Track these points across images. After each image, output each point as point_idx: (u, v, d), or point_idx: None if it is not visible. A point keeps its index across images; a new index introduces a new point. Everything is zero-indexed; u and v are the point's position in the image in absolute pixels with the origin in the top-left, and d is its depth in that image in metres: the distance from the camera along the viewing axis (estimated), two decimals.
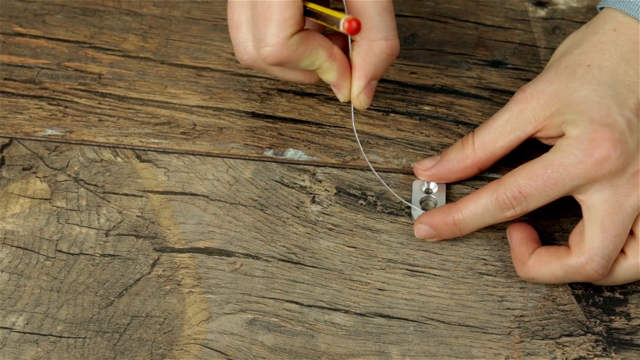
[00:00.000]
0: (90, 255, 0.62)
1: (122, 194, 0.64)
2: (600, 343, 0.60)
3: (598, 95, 0.59)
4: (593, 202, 0.58)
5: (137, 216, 0.64)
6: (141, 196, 0.64)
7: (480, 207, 0.60)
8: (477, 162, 0.62)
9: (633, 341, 0.60)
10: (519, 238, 0.61)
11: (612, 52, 0.60)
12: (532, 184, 0.58)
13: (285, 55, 0.57)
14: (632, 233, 0.59)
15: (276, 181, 0.65)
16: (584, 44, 0.61)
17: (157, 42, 0.71)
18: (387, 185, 0.65)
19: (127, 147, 0.66)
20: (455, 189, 0.65)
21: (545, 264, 0.59)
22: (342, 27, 0.55)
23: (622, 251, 0.59)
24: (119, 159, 0.66)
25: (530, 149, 0.63)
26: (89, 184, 0.64)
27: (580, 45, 0.61)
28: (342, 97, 0.61)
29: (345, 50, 0.59)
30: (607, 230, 0.57)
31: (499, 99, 0.68)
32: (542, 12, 0.71)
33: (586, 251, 0.58)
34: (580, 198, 0.59)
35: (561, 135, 0.59)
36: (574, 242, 0.59)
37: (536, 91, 0.60)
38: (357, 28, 0.55)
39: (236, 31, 0.60)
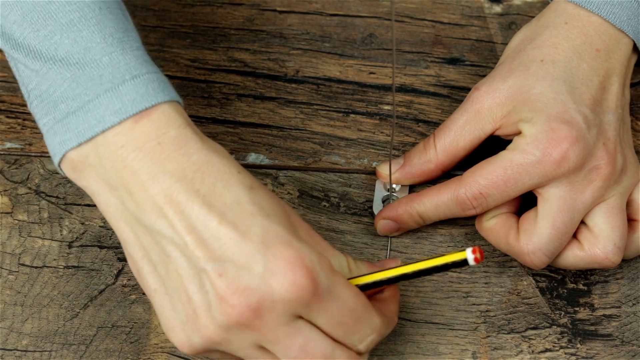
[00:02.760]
0: (54, 267, 0.62)
1: (84, 205, 0.64)
2: (566, 335, 0.61)
3: (553, 91, 0.59)
4: (549, 197, 0.58)
5: (100, 226, 0.63)
6: None
7: (441, 203, 0.61)
8: (440, 165, 0.63)
9: (598, 331, 0.61)
10: None
11: (565, 46, 0.60)
12: (492, 185, 0.59)
13: None
14: (585, 224, 0.60)
15: None
16: (537, 39, 0.61)
17: None
18: (349, 186, 0.65)
19: None
20: (418, 187, 0.65)
21: (494, 235, 0.60)
22: (470, 259, 0.52)
23: (577, 240, 0.59)
24: None
25: (491, 143, 0.63)
26: (50, 196, 0.64)
27: (532, 40, 0.61)
28: None
29: None
30: (557, 228, 0.58)
31: (457, 96, 0.69)
32: (497, 8, 0.72)
33: (531, 244, 0.58)
34: (537, 190, 0.59)
35: (518, 133, 0.60)
36: (523, 228, 0.59)
37: (490, 89, 0.60)
38: (482, 254, 0.52)
39: None
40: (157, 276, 0.52)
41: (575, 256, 0.59)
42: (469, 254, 0.52)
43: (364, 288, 0.54)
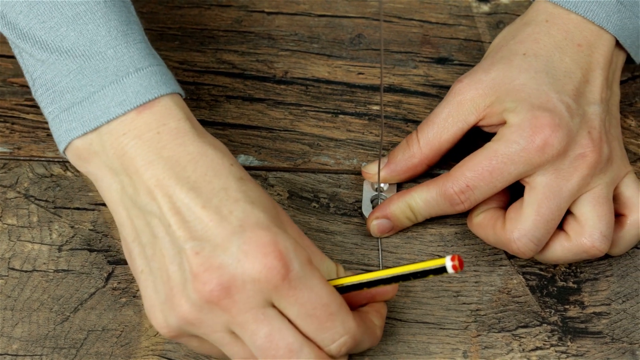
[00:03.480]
0: (44, 271, 0.62)
1: (74, 208, 0.64)
2: (556, 333, 0.61)
3: (536, 82, 0.60)
4: (535, 184, 0.59)
5: (90, 230, 0.63)
6: (93, 209, 0.64)
7: (430, 198, 0.61)
8: (425, 159, 0.63)
9: (588, 329, 0.61)
10: None
11: (546, 42, 0.61)
12: (478, 176, 0.59)
13: None
14: (572, 214, 0.60)
15: None
16: (519, 35, 0.62)
17: None
18: (339, 187, 0.65)
19: None
20: (405, 185, 0.65)
21: (483, 228, 0.61)
22: (449, 267, 0.52)
23: (564, 231, 0.60)
24: (69, 173, 0.65)
25: (475, 138, 0.63)
26: (39, 199, 0.64)
27: (515, 37, 0.62)
28: None
29: None
30: (542, 214, 0.58)
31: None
32: (485, 8, 0.72)
33: (516, 230, 0.59)
34: (525, 180, 0.59)
35: (502, 123, 0.60)
36: (509, 217, 0.60)
37: (473, 80, 0.61)
38: (461, 262, 0.52)
39: None
40: (145, 258, 0.54)
41: (563, 247, 0.59)
42: (447, 262, 0.52)
43: (342, 291, 0.55)
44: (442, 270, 0.52)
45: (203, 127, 0.55)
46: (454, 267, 0.52)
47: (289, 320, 0.52)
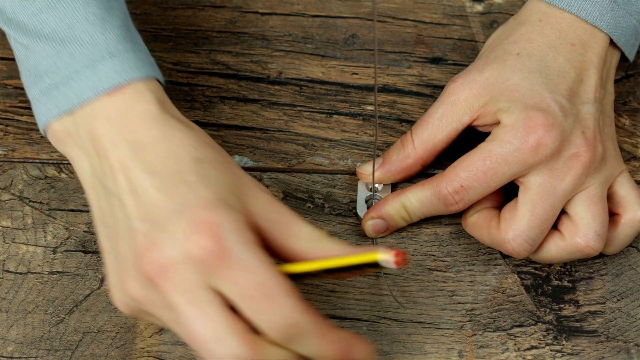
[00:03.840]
0: (39, 273, 0.62)
1: (68, 210, 0.64)
2: (551, 332, 0.61)
3: (530, 82, 0.60)
4: (530, 184, 0.59)
5: (85, 231, 0.63)
6: (87, 211, 0.64)
7: (425, 198, 0.61)
8: (420, 159, 0.63)
9: (583, 328, 0.61)
10: None
11: (540, 41, 0.61)
12: (472, 177, 0.59)
13: None
14: (566, 213, 0.60)
15: None
16: (512, 35, 0.62)
17: None
18: (334, 187, 0.65)
19: None
20: (400, 185, 0.65)
21: (477, 228, 0.61)
22: (389, 262, 0.50)
23: (559, 231, 0.60)
24: (63, 175, 0.65)
25: (470, 138, 0.63)
26: (33, 201, 0.64)
27: (508, 37, 0.62)
28: None
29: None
30: (536, 215, 0.58)
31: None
32: (479, 7, 0.72)
33: (511, 231, 0.59)
34: (519, 180, 0.59)
35: (496, 123, 0.60)
36: (504, 217, 0.60)
37: (467, 80, 0.61)
38: (404, 258, 0.50)
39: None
40: (108, 238, 0.55)
41: (557, 247, 0.60)
42: (382, 256, 0.50)
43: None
44: (377, 265, 0.51)
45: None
46: (396, 262, 0.50)
47: (232, 304, 0.51)
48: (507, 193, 0.62)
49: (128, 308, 0.54)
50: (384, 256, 0.50)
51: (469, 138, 0.63)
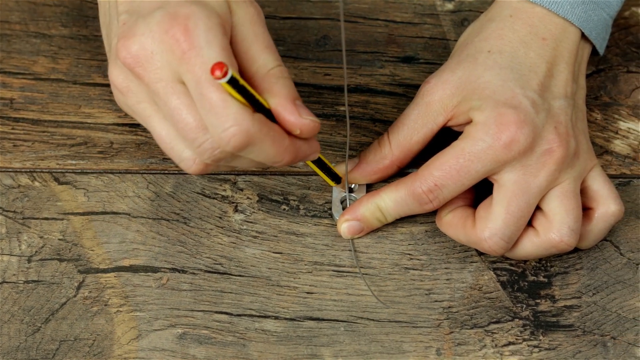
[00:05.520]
0: (14, 282, 0.62)
1: (42, 219, 0.64)
2: (528, 327, 0.61)
3: (501, 79, 0.60)
4: (504, 182, 0.59)
5: (59, 239, 0.63)
6: (62, 219, 0.64)
7: (399, 198, 0.61)
8: (396, 161, 0.63)
9: (559, 322, 0.61)
10: None
11: (511, 37, 0.61)
12: (445, 175, 0.59)
13: (253, 132, 0.52)
14: (541, 209, 0.60)
15: (197, 193, 0.65)
16: (483, 32, 0.62)
17: (67, 63, 0.70)
18: (308, 188, 0.65)
19: (45, 170, 0.65)
20: (375, 186, 0.65)
21: (453, 227, 0.61)
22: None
23: (533, 227, 0.60)
24: (36, 183, 0.65)
25: (446, 137, 0.64)
26: (7, 210, 0.64)
27: (479, 34, 0.62)
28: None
29: None
30: (511, 212, 0.58)
31: (413, 94, 0.68)
32: (449, 6, 0.72)
33: (487, 229, 0.59)
34: (493, 177, 0.60)
35: (470, 122, 0.60)
36: (479, 216, 0.60)
37: (440, 81, 0.61)
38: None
39: (172, 137, 0.55)
40: (107, 37, 0.59)
41: (532, 243, 0.60)
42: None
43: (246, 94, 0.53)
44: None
45: None
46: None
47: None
48: (479, 190, 0.62)
49: (116, 98, 0.57)
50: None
51: (445, 137, 0.64)
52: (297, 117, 0.54)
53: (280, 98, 0.54)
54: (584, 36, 0.63)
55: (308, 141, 0.56)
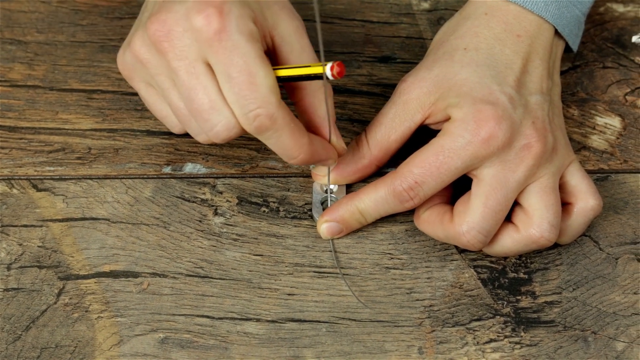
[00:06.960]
0: None
1: (21, 226, 0.63)
2: (509, 324, 0.61)
3: (478, 76, 0.60)
4: (483, 177, 0.59)
5: (39, 246, 0.63)
6: (41, 226, 0.63)
7: (379, 198, 0.61)
8: (374, 160, 0.63)
9: (540, 318, 0.61)
10: None
11: (486, 35, 0.62)
12: (425, 172, 0.59)
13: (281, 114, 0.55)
14: (520, 205, 0.60)
15: (177, 197, 0.65)
16: (459, 30, 0.63)
17: (44, 69, 0.70)
18: (288, 190, 0.65)
19: (23, 177, 0.65)
20: (355, 186, 0.65)
21: (431, 224, 0.61)
22: (329, 73, 0.54)
23: (513, 223, 0.60)
24: (15, 191, 0.65)
25: (423, 135, 0.64)
26: None
27: (455, 32, 0.63)
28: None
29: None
30: (489, 206, 0.59)
31: (390, 94, 0.68)
32: (425, 5, 0.72)
33: (465, 223, 0.59)
34: (472, 173, 0.60)
35: (447, 119, 0.60)
36: (457, 211, 0.60)
37: (417, 79, 0.61)
38: (341, 70, 0.55)
39: (208, 110, 0.56)
40: (140, 13, 0.61)
41: (512, 240, 0.60)
42: (327, 71, 0.54)
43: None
44: (321, 76, 0.55)
45: (149, 137, 0.55)
46: (333, 75, 0.54)
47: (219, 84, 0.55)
48: (457, 188, 0.63)
49: (127, 67, 0.59)
50: (326, 69, 0.55)
51: (423, 136, 0.64)
52: (335, 139, 0.61)
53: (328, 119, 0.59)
54: (557, 33, 0.63)
55: (325, 145, 0.60)
